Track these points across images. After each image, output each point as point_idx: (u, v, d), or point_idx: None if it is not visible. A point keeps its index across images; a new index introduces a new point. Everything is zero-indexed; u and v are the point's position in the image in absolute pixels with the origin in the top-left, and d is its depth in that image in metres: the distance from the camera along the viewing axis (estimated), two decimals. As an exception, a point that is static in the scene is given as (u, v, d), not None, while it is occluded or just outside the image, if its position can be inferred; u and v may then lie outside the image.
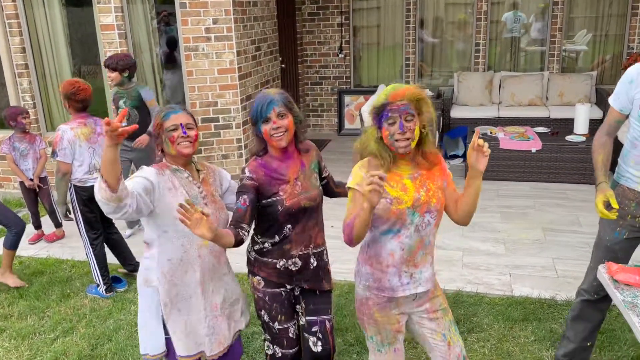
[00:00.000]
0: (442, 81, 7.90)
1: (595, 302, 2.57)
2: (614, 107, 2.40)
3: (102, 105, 5.82)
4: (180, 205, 1.82)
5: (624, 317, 3.17)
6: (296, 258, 2.29)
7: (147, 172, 2.17)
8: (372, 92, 7.70)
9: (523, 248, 4.29)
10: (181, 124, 2.16)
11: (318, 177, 2.35)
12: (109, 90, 5.62)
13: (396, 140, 1.92)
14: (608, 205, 2.27)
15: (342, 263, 4.09)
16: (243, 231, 2.08)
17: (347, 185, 2.03)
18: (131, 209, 2.03)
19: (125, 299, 3.89)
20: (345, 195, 2.54)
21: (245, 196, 2.14)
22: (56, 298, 3.89)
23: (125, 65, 4.42)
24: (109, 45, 5.45)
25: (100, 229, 3.92)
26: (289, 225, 2.24)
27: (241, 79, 5.83)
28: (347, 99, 7.94)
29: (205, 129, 5.87)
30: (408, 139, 1.91)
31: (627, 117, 2.40)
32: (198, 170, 2.32)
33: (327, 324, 2.37)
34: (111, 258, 4.10)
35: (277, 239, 2.26)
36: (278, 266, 2.29)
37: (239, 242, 2.04)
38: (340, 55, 7.88)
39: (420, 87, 1.97)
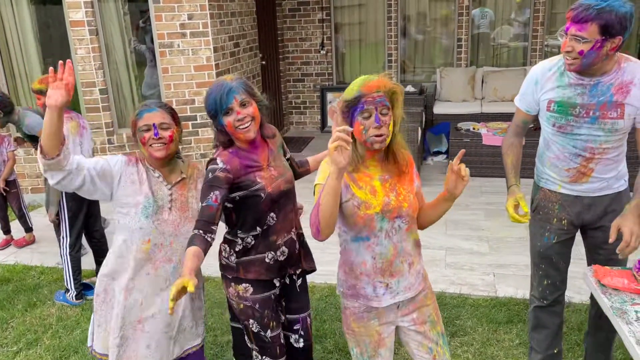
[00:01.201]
0: (425, 77, 7.80)
1: (548, 307, 2.50)
2: (520, 107, 2.34)
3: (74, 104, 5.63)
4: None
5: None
6: (283, 247, 2.14)
7: (113, 159, 2.06)
8: (354, 88, 7.58)
9: (507, 246, 4.19)
10: (154, 124, 1.99)
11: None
12: (79, 87, 5.43)
13: (371, 135, 1.75)
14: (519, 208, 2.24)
15: (322, 265, 3.91)
16: (212, 235, 1.88)
17: (315, 183, 1.86)
18: (77, 183, 1.95)
19: (92, 307, 3.71)
20: (307, 173, 2.49)
21: (217, 192, 1.92)
22: (22, 307, 3.70)
23: None
24: (80, 42, 5.24)
25: (82, 231, 3.80)
26: (272, 214, 2.09)
27: (219, 76, 5.67)
28: (329, 95, 7.80)
29: (183, 128, 5.70)
30: (383, 133, 1.76)
31: (534, 117, 2.33)
32: (181, 172, 2.15)
33: (308, 320, 2.30)
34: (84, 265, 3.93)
35: (258, 230, 2.08)
36: (267, 260, 2.11)
37: (206, 251, 1.88)
38: (322, 52, 7.74)
39: (390, 78, 1.81)
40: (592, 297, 2.59)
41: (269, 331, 2.15)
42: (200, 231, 1.87)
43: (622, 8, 1.88)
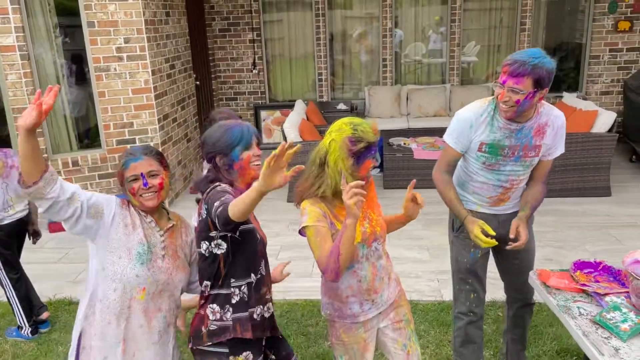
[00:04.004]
0: (353, 94, 8.19)
1: (477, 321, 2.71)
2: (455, 148, 2.47)
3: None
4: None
5: (545, 314, 3.53)
6: (269, 303, 2.11)
7: (108, 199, 1.96)
8: (288, 106, 7.81)
9: (446, 253, 4.51)
10: (142, 174, 1.94)
11: None
12: (10, 114, 5.21)
13: (371, 171, 2.01)
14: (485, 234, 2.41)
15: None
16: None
17: (304, 225, 1.96)
18: (66, 214, 1.82)
19: (50, 340, 3.63)
20: None
21: (230, 196, 1.86)
22: (-29, 348, 3.54)
23: None
24: (10, 67, 5.05)
25: (21, 269, 3.64)
26: (263, 262, 2.08)
27: (157, 98, 5.68)
28: (263, 113, 7.97)
29: (121, 151, 5.61)
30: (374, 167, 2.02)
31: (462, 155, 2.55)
32: (169, 219, 2.09)
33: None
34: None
35: (253, 278, 2.01)
36: (255, 315, 2.02)
37: None
38: (254, 71, 7.90)
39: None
40: (507, 300, 2.92)
41: None
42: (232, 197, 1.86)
43: (550, 64, 2.21)
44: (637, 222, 5.00)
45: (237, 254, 1.98)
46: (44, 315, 3.73)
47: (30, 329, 3.62)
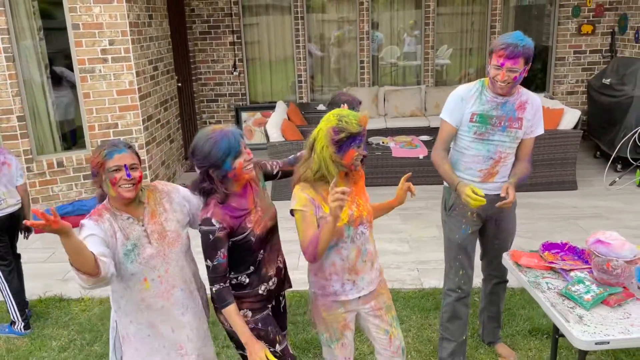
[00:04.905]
0: (332, 96, 8.38)
1: (464, 298, 2.94)
2: (449, 122, 2.79)
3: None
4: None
5: (517, 297, 3.78)
6: (274, 277, 2.32)
7: (89, 229, 2.04)
8: (268, 108, 7.97)
9: (424, 245, 4.82)
10: (125, 165, 2.03)
11: (267, 188, 2.38)
12: (-5, 116, 5.26)
13: (357, 160, 2.17)
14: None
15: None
16: (230, 283, 2.16)
17: (292, 208, 2.17)
18: (113, 271, 1.99)
19: (43, 335, 3.72)
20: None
21: (222, 249, 2.09)
22: (-34, 344, 3.61)
23: None
24: (-5, 68, 5.10)
25: (13, 261, 3.73)
26: (262, 251, 2.25)
27: (142, 99, 5.78)
28: (244, 115, 8.11)
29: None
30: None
31: (455, 133, 2.83)
32: (141, 203, 2.18)
33: (287, 338, 2.50)
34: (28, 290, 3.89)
35: (252, 269, 2.25)
36: (260, 291, 2.27)
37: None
38: (234, 73, 8.04)
39: None
40: (485, 279, 3.19)
41: (277, 345, 2.29)
42: (222, 284, 2.10)
43: (531, 43, 2.56)
44: (601, 214, 5.33)
45: (232, 256, 2.18)
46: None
47: (23, 324, 3.71)
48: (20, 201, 3.70)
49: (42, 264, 4.77)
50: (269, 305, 2.35)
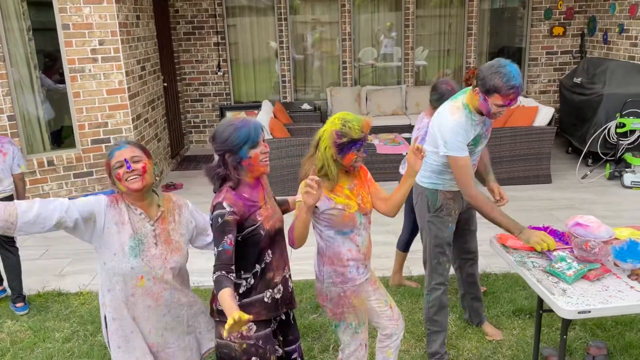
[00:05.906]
0: (314, 96, 8.59)
1: (446, 287, 3.13)
2: (466, 157, 2.77)
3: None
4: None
5: (500, 282, 4.03)
6: (279, 285, 2.28)
7: (97, 201, 2.10)
8: (253, 107, 8.11)
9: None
10: (125, 159, 2.08)
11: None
12: (-15, 115, 5.28)
13: (357, 162, 2.36)
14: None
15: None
16: (233, 275, 1.98)
17: (296, 200, 2.27)
18: (65, 227, 2.02)
19: (46, 327, 3.80)
20: (287, 212, 2.59)
21: (230, 235, 2.00)
22: (-30, 337, 3.67)
23: None
24: (-14, 68, 5.13)
25: (11, 243, 3.92)
26: (269, 251, 2.21)
27: (131, 99, 5.87)
28: (228, 114, 8.23)
29: (96, 151, 5.79)
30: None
31: None
32: (159, 206, 2.22)
33: (301, 345, 2.50)
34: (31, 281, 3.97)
35: (257, 268, 2.19)
36: (265, 299, 2.22)
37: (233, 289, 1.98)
38: (219, 73, 8.16)
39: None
40: (459, 267, 3.42)
41: None
42: (223, 272, 1.94)
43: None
44: (574, 205, 5.64)
45: (242, 251, 2.16)
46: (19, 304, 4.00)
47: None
48: (12, 188, 3.86)
49: (37, 261, 4.83)
50: (272, 323, 2.31)
